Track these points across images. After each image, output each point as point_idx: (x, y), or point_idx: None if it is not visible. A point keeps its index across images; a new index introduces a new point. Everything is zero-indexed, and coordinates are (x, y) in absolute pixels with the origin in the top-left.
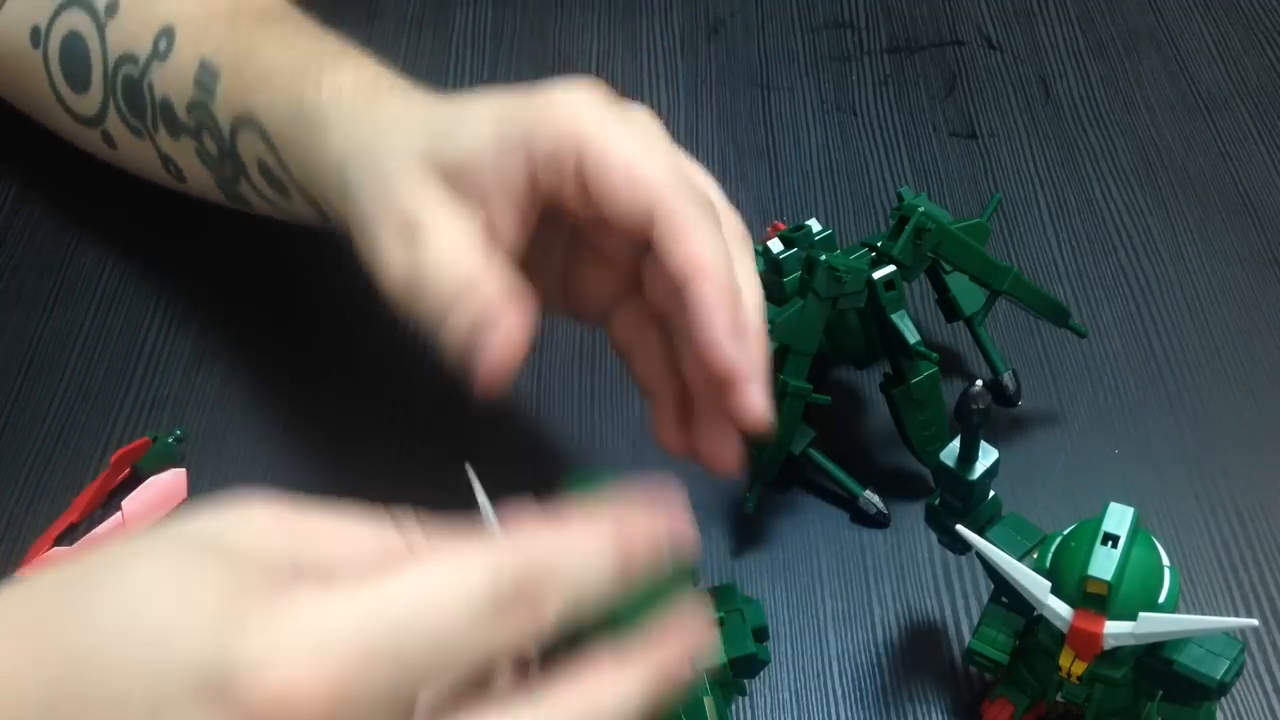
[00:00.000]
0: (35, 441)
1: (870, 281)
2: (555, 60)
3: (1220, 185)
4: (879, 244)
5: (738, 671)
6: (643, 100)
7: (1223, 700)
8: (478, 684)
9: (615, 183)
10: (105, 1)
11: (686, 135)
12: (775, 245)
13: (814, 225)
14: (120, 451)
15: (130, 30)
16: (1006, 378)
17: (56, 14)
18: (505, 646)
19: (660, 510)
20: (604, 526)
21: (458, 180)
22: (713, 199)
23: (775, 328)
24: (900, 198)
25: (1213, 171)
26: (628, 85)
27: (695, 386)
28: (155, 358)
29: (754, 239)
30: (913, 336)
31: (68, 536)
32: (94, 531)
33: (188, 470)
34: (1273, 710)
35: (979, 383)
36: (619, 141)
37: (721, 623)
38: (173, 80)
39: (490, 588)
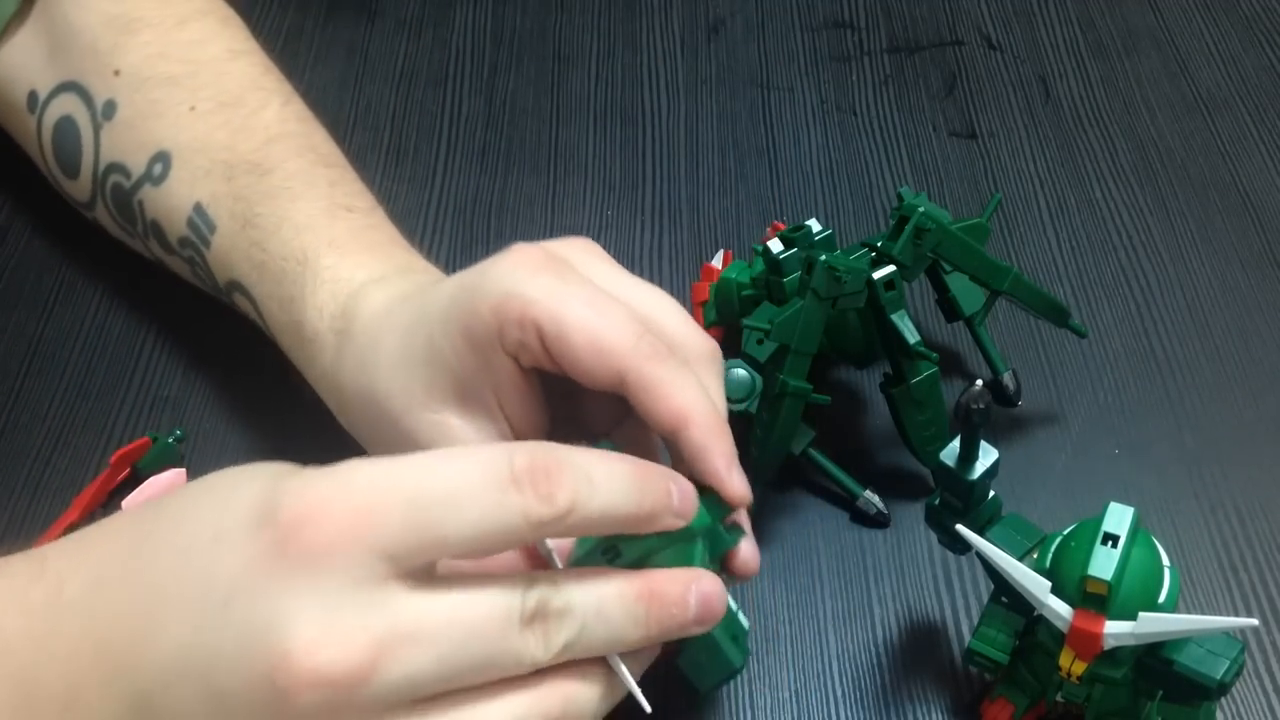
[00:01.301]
0: (35, 441)
1: (870, 281)
2: (555, 60)
3: (1220, 185)
4: (879, 244)
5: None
6: (642, 100)
7: (1223, 700)
8: None
9: (579, 359)
10: (104, 100)
11: (686, 135)
12: (775, 245)
13: (814, 225)
14: (120, 451)
15: (125, 143)
16: (1006, 378)
17: (55, 92)
18: (514, 519)
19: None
20: (624, 458)
21: (467, 398)
22: (671, 325)
23: (775, 328)
24: (900, 198)
25: (1213, 171)
26: (628, 85)
27: None
28: (155, 358)
29: (754, 239)
30: (913, 336)
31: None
32: None
33: (188, 470)
34: (1273, 710)
35: (979, 383)
36: (571, 314)
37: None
38: (164, 210)
39: (504, 463)
